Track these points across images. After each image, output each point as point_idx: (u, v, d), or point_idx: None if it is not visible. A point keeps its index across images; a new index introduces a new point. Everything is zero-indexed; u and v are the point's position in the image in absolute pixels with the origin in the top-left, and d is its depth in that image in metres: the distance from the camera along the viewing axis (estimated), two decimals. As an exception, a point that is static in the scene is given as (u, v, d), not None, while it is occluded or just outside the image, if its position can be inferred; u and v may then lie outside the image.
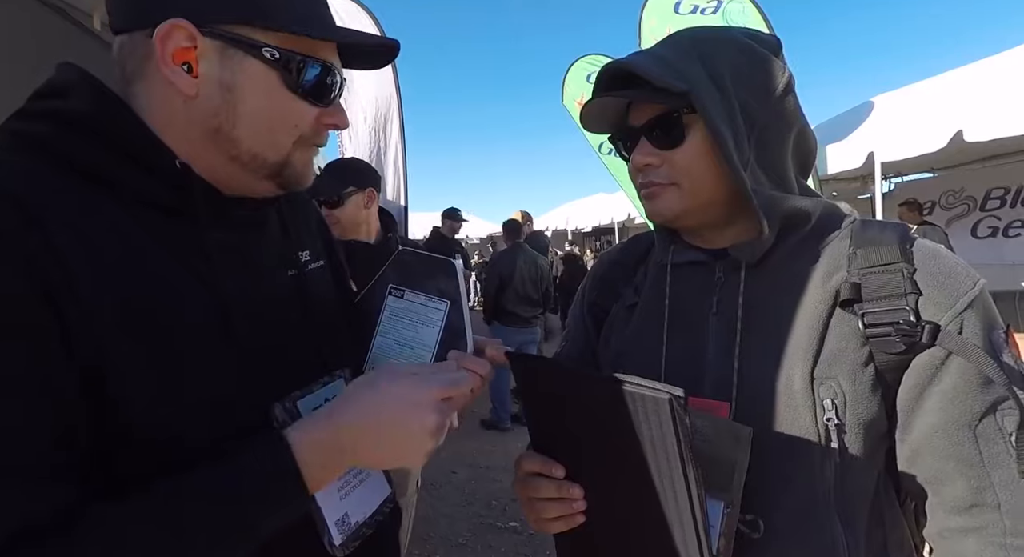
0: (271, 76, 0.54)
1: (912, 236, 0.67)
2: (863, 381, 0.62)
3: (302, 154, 0.60)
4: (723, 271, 0.71)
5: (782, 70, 0.67)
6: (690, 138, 0.66)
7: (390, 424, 0.53)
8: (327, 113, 0.59)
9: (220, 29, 0.52)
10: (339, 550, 0.61)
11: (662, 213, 0.70)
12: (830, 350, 0.63)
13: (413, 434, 0.53)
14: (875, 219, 0.72)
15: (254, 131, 0.55)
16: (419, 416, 0.53)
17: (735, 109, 0.64)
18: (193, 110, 0.54)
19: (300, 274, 0.67)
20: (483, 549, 2.86)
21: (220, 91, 0.53)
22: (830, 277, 0.66)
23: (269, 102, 0.55)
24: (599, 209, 11.31)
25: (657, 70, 0.64)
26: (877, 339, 0.61)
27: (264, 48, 0.53)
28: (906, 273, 0.62)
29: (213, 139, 0.55)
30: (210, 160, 0.56)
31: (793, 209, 0.66)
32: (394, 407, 0.53)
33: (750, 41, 0.67)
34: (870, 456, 0.63)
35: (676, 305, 0.74)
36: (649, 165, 0.68)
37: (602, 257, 0.93)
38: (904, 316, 0.60)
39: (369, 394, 0.54)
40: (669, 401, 0.51)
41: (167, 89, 0.53)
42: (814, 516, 0.62)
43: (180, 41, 0.51)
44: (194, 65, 0.52)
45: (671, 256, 0.75)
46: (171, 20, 0.50)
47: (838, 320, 0.64)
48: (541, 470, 0.65)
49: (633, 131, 0.70)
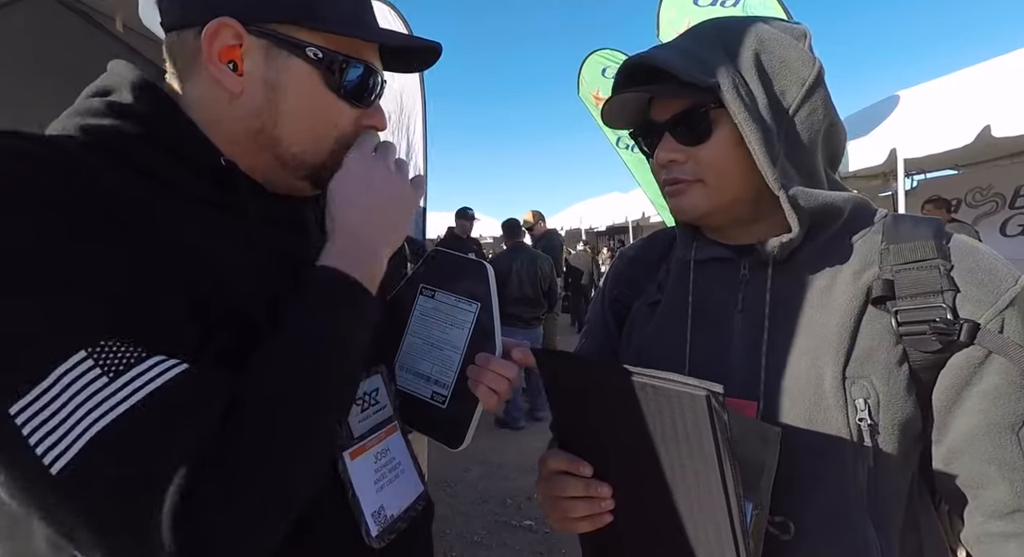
0: (314, 76, 0.55)
1: (948, 232, 0.64)
2: (897, 381, 0.60)
3: (340, 156, 0.60)
4: (748, 268, 0.70)
5: (812, 61, 0.64)
6: (717, 133, 0.64)
7: (370, 206, 0.58)
8: (366, 114, 0.60)
9: (266, 28, 0.53)
10: (375, 541, 0.61)
11: (688, 211, 0.68)
12: (862, 348, 0.61)
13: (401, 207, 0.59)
14: (908, 214, 0.69)
15: (295, 130, 0.56)
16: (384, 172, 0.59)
17: (764, 102, 0.62)
18: (238, 108, 0.55)
19: None
20: (498, 546, 2.86)
21: (264, 89, 0.54)
22: (861, 273, 0.64)
23: (311, 101, 0.56)
24: (613, 208, 11.23)
25: (682, 63, 0.62)
26: (911, 337, 0.59)
27: (308, 48, 0.54)
28: (943, 269, 0.60)
29: (256, 137, 0.56)
30: (253, 158, 0.57)
31: (824, 205, 0.64)
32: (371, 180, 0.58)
33: (777, 31, 0.65)
34: (904, 458, 0.61)
35: (700, 302, 0.72)
36: (674, 161, 0.67)
37: (622, 253, 0.91)
38: (941, 314, 0.58)
39: (348, 187, 0.58)
40: (707, 398, 0.50)
41: (214, 87, 0.54)
42: (846, 519, 0.60)
43: (227, 39, 0.52)
44: (239, 63, 0.53)
45: (694, 253, 0.74)
46: (219, 19, 0.51)
47: (870, 318, 0.62)
48: (568, 468, 0.64)
49: (656, 126, 0.68)
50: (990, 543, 0.60)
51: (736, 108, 0.60)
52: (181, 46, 0.55)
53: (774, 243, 0.65)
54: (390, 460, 0.66)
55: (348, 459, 0.61)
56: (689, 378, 0.52)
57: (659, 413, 0.54)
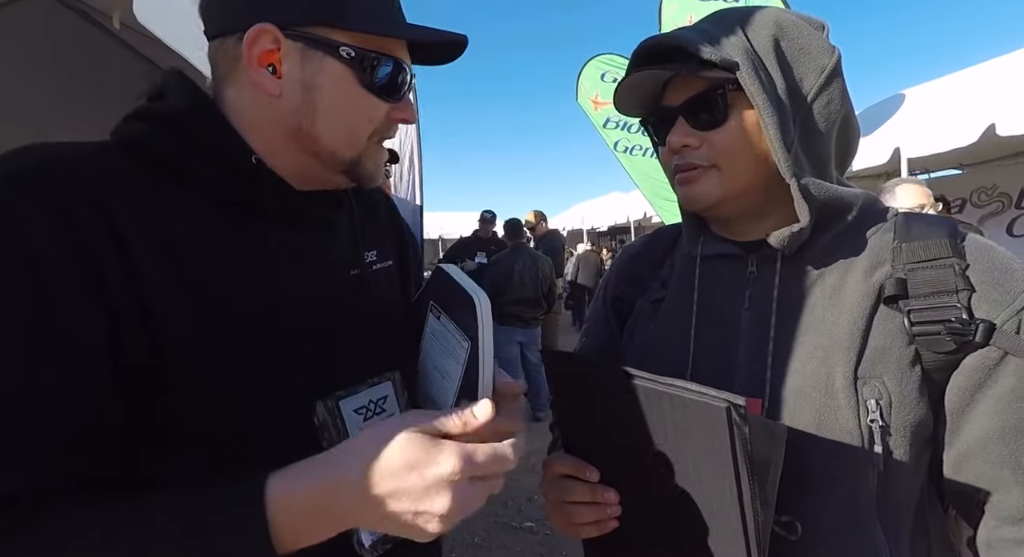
0: (347, 74, 0.56)
1: (962, 231, 0.63)
2: (910, 382, 0.58)
3: (375, 151, 0.62)
4: (756, 265, 0.68)
5: (831, 49, 0.63)
6: (733, 117, 0.62)
7: (394, 497, 0.43)
8: (397, 108, 0.61)
9: (301, 31, 0.55)
10: (368, 551, 0.60)
11: (700, 199, 0.66)
12: (874, 348, 0.59)
13: (420, 515, 0.44)
14: (921, 213, 0.68)
15: (331, 127, 0.58)
16: (434, 496, 0.43)
17: (782, 88, 0.60)
18: (277, 109, 0.57)
19: (362, 274, 0.67)
20: (498, 548, 2.84)
21: (301, 90, 0.56)
22: (873, 272, 0.62)
23: (345, 98, 0.57)
24: (615, 208, 11.22)
25: (701, 43, 0.60)
26: (925, 337, 0.58)
27: (341, 47, 0.55)
28: (957, 269, 0.58)
29: (295, 136, 0.58)
30: (291, 156, 0.59)
31: (834, 197, 0.62)
32: (405, 478, 0.43)
33: (797, 18, 0.64)
34: (916, 460, 0.60)
35: (705, 300, 0.70)
36: (687, 146, 0.65)
37: (624, 250, 0.90)
38: (955, 314, 0.56)
39: (379, 452, 0.44)
40: (727, 410, 0.48)
41: (254, 90, 0.56)
42: (855, 521, 0.58)
43: (266, 44, 0.54)
44: (278, 66, 0.55)
45: (701, 248, 0.72)
46: (258, 25, 0.53)
47: (882, 317, 0.60)
48: (574, 472, 0.62)
49: (670, 111, 0.66)
50: (1002, 548, 0.58)
51: (755, 89, 0.58)
52: (223, 53, 0.57)
53: (782, 233, 0.63)
54: None
55: None
56: (710, 389, 0.50)
57: (675, 423, 0.52)
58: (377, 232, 0.74)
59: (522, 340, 4.58)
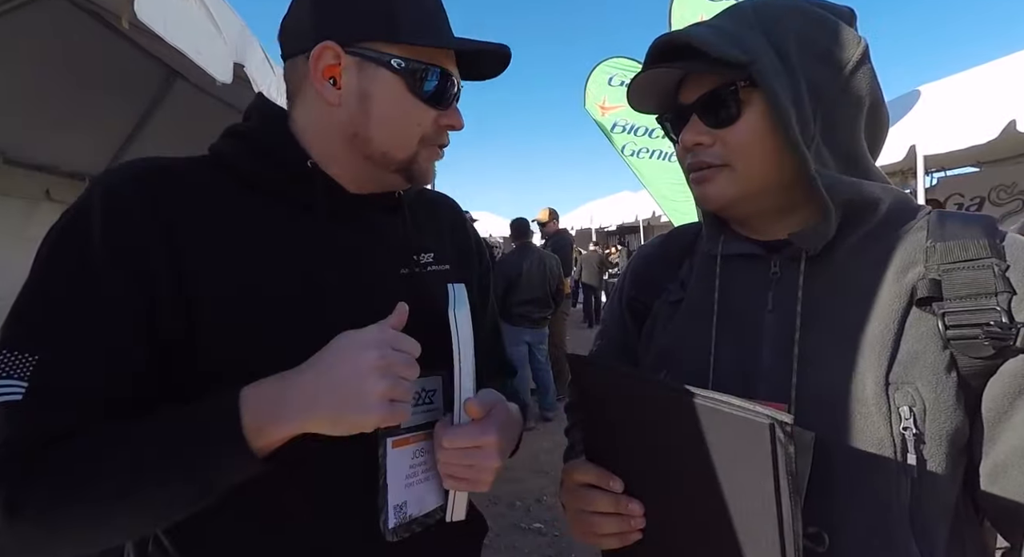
0: (398, 83, 0.62)
1: (1001, 231, 0.59)
2: (946, 388, 0.55)
3: (427, 153, 0.67)
4: (779, 265, 0.65)
5: (856, 40, 0.60)
6: (747, 114, 0.60)
7: (332, 365, 0.53)
8: (444, 115, 0.66)
9: (359, 47, 0.61)
10: (390, 534, 0.63)
11: (713, 199, 0.64)
12: (907, 352, 0.57)
13: (357, 372, 0.52)
14: (955, 211, 0.64)
15: (384, 132, 0.63)
16: (367, 355, 0.52)
17: (801, 83, 0.58)
18: (337, 117, 0.64)
19: (413, 273, 0.71)
20: (507, 549, 2.82)
21: (358, 99, 0.62)
22: (905, 273, 0.59)
23: (396, 106, 0.63)
24: (624, 207, 11.17)
25: (715, 40, 0.58)
26: (961, 342, 0.55)
27: (392, 59, 0.61)
28: (997, 270, 0.55)
29: (352, 141, 0.64)
30: (348, 160, 0.65)
31: (859, 194, 0.59)
32: (340, 350, 0.54)
33: (820, 9, 0.61)
34: (951, 470, 0.57)
35: (726, 301, 0.68)
36: (700, 144, 0.63)
37: (640, 250, 0.87)
38: (995, 317, 0.53)
39: (318, 353, 0.55)
40: (770, 427, 0.45)
41: (318, 101, 0.64)
42: (886, 533, 0.55)
43: (328, 60, 0.61)
44: (338, 79, 0.62)
45: (721, 247, 0.69)
46: (322, 43, 0.61)
47: (915, 320, 0.57)
48: (596, 482, 0.60)
49: (684, 108, 0.65)
50: None
51: (768, 86, 0.56)
52: (293, 70, 0.66)
53: (805, 232, 0.61)
54: (426, 461, 0.66)
55: (390, 446, 0.62)
56: (755, 404, 0.47)
57: (710, 437, 0.50)
58: (437, 236, 0.78)
59: (530, 340, 4.57)
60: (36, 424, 0.50)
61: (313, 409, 0.52)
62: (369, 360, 0.52)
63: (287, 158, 0.64)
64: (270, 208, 0.63)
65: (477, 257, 0.86)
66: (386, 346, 0.54)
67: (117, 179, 0.58)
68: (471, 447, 0.60)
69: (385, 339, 0.54)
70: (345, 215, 0.66)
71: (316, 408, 0.52)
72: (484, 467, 0.60)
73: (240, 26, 1.85)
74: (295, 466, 0.55)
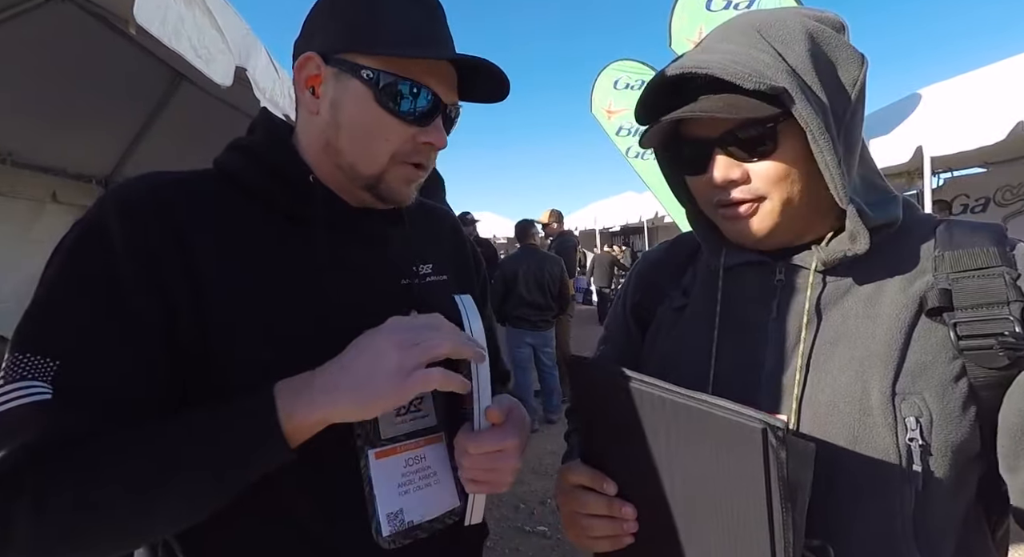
0: (367, 93, 0.62)
1: (1012, 239, 0.59)
2: (953, 398, 0.55)
3: (398, 171, 0.65)
4: (784, 273, 0.64)
5: (859, 58, 0.59)
6: (783, 145, 0.57)
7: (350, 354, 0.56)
8: (422, 132, 0.64)
9: (336, 57, 0.62)
10: (385, 541, 0.63)
11: (753, 234, 0.62)
12: (914, 362, 0.56)
13: (374, 353, 0.55)
14: (963, 220, 0.64)
15: (351, 142, 0.64)
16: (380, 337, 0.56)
17: (827, 107, 0.56)
18: (316, 125, 0.65)
19: (413, 284, 0.72)
20: (510, 552, 2.82)
21: (330, 108, 0.63)
22: (912, 282, 0.59)
23: (363, 116, 0.62)
24: (628, 208, 11.14)
25: (741, 70, 0.54)
26: (974, 352, 0.54)
27: (363, 70, 0.61)
28: (1008, 279, 0.54)
29: (326, 149, 0.65)
30: (329, 170, 0.66)
31: (887, 217, 0.59)
32: (357, 342, 0.57)
33: (820, 24, 0.60)
34: (958, 482, 0.56)
35: (729, 309, 0.67)
36: (732, 181, 0.60)
37: (645, 256, 0.87)
38: (1009, 327, 0.52)
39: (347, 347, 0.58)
40: (763, 432, 0.45)
41: (304, 110, 0.66)
42: (891, 546, 0.55)
43: (310, 70, 0.63)
44: (316, 88, 0.64)
45: (723, 259, 0.68)
46: (305, 54, 0.63)
47: (923, 330, 0.57)
48: (590, 484, 0.60)
49: (705, 143, 0.61)
50: None
51: (810, 118, 0.54)
52: (294, 84, 0.67)
53: (834, 254, 0.60)
54: (423, 468, 0.66)
55: (372, 458, 0.63)
56: (745, 407, 0.47)
57: (707, 440, 0.49)
58: (436, 247, 0.79)
59: (533, 342, 4.55)
60: (63, 425, 0.51)
61: (336, 391, 0.54)
62: (384, 340, 0.55)
63: (289, 173, 0.65)
64: (274, 220, 0.64)
65: (475, 267, 0.87)
66: (402, 327, 0.57)
67: (131, 190, 0.60)
68: (495, 451, 0.61)
69: (401, 322, 0.58)
70: (346, 228, 0.67)
71: (338, 390, 0.54)
72: (506, 469, 0.63)
73: (244, 29, 1.86)
74: (297, 472, 0.55)
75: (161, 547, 0.64)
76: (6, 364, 0.51)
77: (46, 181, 3.65)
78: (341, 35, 0.62)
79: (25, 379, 0.50)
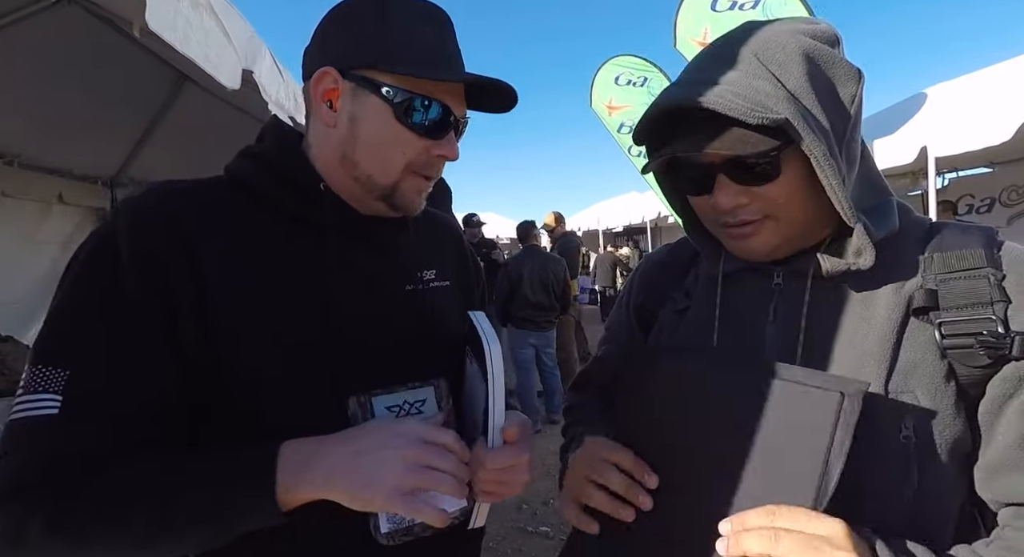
0: (385, 109, 0.64)
1: (999, 240, 0.60)
2: (945, 397, 0.56)
3: (411, 181, 0.68)
4: (782, 277, 0.65)
5: (856, 73, 0.59)
6: (787, 169, 0.58)
7: (363, 448, 0.57)
8: (436, 145, 0.67)
9: (354, 73, 0.64)
10: (383, 538, 0.65)
11: (760, 251, 0.63)
12: (906, 361, 0.57)
13: (381, 458, 0.56)
14: (955, 222, 0.64)
15: (368, 154, 0.66)
16: (388, 463, 0.55)
17: (827, 129, 0.56)
18: (332, 138, 0.67)
19: (417, 289, 0.74)
20: (513, 553, 2.82)
21: (348, 122, 0.66)
22: (904, 283, 0.60)
23: (381, 131, 0.65)
24: (631, 208, 11.13)
25: (742, 104, 0.54)
26: (957, 351, 0.55)
27: (383, 87, 0.64)
28: (993, 280, 0.55)
29: (342, 162, 0.67)
30: (342, 180, 0.68)
31: (890, 230, 0.60)
32: (375, 435, 0.58)
33: (814, 41, 0.59)
34: (953, 478, 0.57)
35: (728, 312, 0.68)
36: (738, 206, 0.60)
37: (648, 257, 0.88)
38: (990, 326, 0.53)
39: (359, 428, 0.60)
40: (839, 396, 0.46)
41: (318, 122, 0.68)
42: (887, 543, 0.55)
43: (328, 84, 0.65)
44: (334, 102, 0.66)
45: (723, 265, 0.69)
46: (322, 68, 0.65)
47: (913, 329, 0.58)
48: (631, 469, 0.60)
49: (703, 168, 0.61)
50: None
51: (815, 147, 0.54)
52: (306, 93, 0.69)
53: (841, 266, 0.60)
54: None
55: None
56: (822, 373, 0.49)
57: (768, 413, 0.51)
58: (439, 254, 0.81)
59: (536, 343, 4.56)
60: (72, 438, 0.54)
61: (334, 483, 0.55)
62: (394, 450, 0.56)
63: (301, 180, 0.68)
64: (285, 227, 0.66)
65: (475, 274, 0.89)
66: (418, 440, 0.57)
67: (141, 203, 0.62)
68: (508, 467, 0.64)
69: (419, 432, 0.58)
70: (355, 234, 0.70)
71: (337, 483, 0.55)
72: (517, 482, 0.66)
73: (249, 33, 1.87)
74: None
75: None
76: (26, 375, 0.55)
77: (52, 182, 3.67)
78: (358, 51, 0.64)
79: (38, 391, 0.54)
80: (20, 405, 0.54)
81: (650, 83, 5.20)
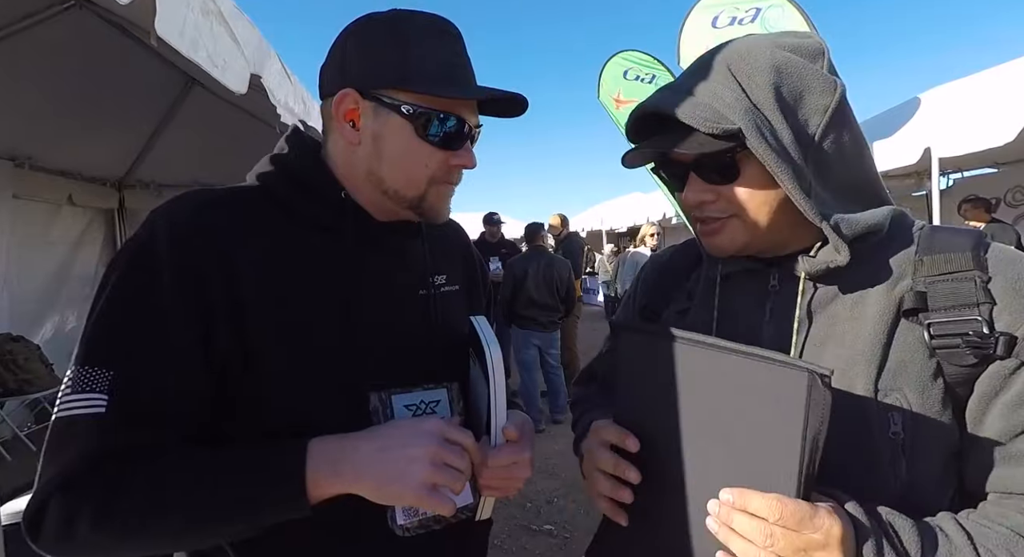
0: (407, 127, 0.67)
1: (986, 242, 0.62)
2: (932, 395, 0.58)
3: (437, 190, 0.71)
4: (778, 279, 0.68)
5: (832, 85, 0.61)
6: (745, 171, 0.62)
7: (389, 445, 0.60)
8: (454, 155, 0.70)
9: (375, 93, 0.67)
10: (399, 529, 0.69)
11: (726, 248, 0.66)
12: (895, 360, 0.59)
13: (408, 456, 0.59)
14: (947, 225, 0.67)
15: (393, 170, 0.69)
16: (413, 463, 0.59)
17: (789, 137, 0.59)
18: (356, 155, 0.70)
19: (430, 294, 0.77)
20: (518, 551, 2.84)
21: (372, 140, 0.69)
22: (894, 285, 0.62)
23: (404, 147, 0.68)
24: (634, 209, 11.13)
25: (700, 114, 0.59)
26: (944, 351, 0.57)
27: (403, 106, 0.67)
28: (979, 281, 0.58)
29: (368, 177, 0.71)
30: (368, 193, 0.72)
31: (866, 227, 0.62)
32: (400, 432, 0.62)
33: (792, 54, 0.62)
34: (940, 475, 0.59)
35: (727, 312, 0.71)
36: (704, 202, 0.65)
37: (652, 259, 0.91)
38: (975, 327, 0.56)
39: (383, 426, 0.65)
40: (808, 376, 0.47)
41: (341, 140, 0.71)
42: None
43: (348, 104, 0.68)
44: (356, 121, 0.69)
45: (721, 268, 0.72)
46: (343, 90, 0.68)
47: (903, 330, 0.60)
48: (616, 440, 0.63)
49: (680, 166, 0.66)
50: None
51: (764, 153, 0.57)
52: (325, 111, 0.72)
53: (819, 265, 0.63)
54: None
55: None
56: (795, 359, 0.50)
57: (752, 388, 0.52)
58: (449, 260, 0.85)
59: (539, 343, 4.58)
60: (118, 434, 0.57)
61: (362, 478, 0.59)
62: (421, 448, 0.60)
63: (323, 189, 0.71)
64: (308, 234, 0.70)
65: (482, 279, 0.93)
66: (441, 438, 0.61)
67: (178, 211, 0.66)
68: (510, 464, 0.68)
69: (442, 431, 0.62)
70: (372, 241, 0.73)
71: (364, 477, 0.59)
72: (519, 478, 0.70)
73: (258, 38, 1.90)
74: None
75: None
76: (72, 375, 0.59)
77: (62, 184, 3.72)
78: (377, 72, 0.67)
79: (85, 391, 0.57)
80: (68, 403, 0.57)
81: (657, 81, 5.21)
